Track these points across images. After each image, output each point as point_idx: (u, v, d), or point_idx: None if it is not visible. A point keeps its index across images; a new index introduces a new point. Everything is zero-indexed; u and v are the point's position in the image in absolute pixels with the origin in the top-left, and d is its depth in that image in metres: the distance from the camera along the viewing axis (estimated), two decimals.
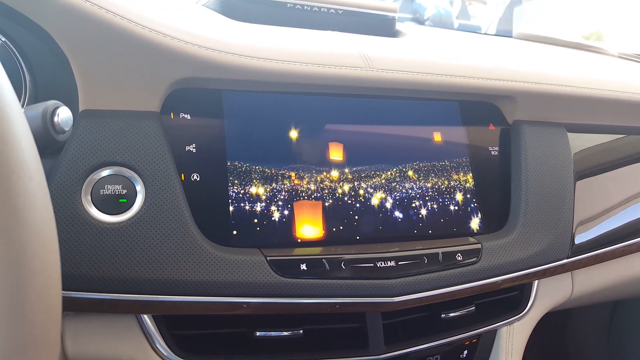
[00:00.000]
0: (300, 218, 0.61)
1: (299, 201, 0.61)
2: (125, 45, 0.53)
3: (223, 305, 0.56)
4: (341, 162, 0.64)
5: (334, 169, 0.64)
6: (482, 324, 0.73)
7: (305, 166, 0.62)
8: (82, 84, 0.53)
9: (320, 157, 0.63)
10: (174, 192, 0.54)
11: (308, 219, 0.61)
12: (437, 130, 0.70)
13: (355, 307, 0.61)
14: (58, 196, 0.50)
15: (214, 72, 0.58)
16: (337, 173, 0.64)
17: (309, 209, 0.61)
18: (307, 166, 0.62)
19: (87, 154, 0.52)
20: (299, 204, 0.61)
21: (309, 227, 0.61)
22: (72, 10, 0.51)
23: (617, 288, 0.91)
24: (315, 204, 0.62)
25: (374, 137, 0.67)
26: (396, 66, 0.66)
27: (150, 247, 0.53)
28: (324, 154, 0.64)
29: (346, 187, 0.64)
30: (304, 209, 0.61)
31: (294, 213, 0.61)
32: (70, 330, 0.56)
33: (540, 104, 0.75)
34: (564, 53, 1.09)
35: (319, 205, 0.62)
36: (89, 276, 0.51)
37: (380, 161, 0.66)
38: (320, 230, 0.61)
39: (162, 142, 0.55)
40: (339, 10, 0.83)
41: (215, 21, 0.72)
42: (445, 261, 0.64)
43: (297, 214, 0.61)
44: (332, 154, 0.64)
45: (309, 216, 0.61)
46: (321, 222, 0.62)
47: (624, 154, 0.86)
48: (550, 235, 0.71)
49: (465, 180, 0.70)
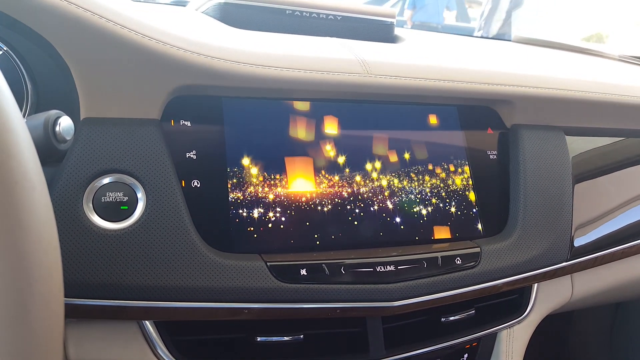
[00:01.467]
0: (300, 223, 0.61)
1: (298, 207, 0.61)
2: (125, 54, 0.54)
3: (224, 311, 0.57)
4: (340, 167, 0.65)
5: (334, 174, 0.64)
6: (482, 327, 0.73)
7: (304, 172, 0.63)
8: (83, 93, 0.53)
9: (320, 162, 0.64)
10: (174, 199, 0.55)
11: (308, 224, 0.62)
12: (436, 135, 0.71)
13: (355, 311, 0.61)
14: (60, 204, 0.51)
15: (214, 79, 0.58)
16: (337, 178, 0.64)
17: (309, 214, 0.62)
18: (307, 172, 0.63)
19: (88, 162, 0.52)
20: (299, 209, 0.61)
21: (309, 233, 0.61)
22: (73, 19, 0.52)
23: (617, 290, 0.92)
24: (315, 209, 0.62)
25: (373, 143, 0.67)
26: (394, 72, 0.67)
27: (152, 254, 0.53)
28: (324, 158, 0.64)
29: (345, 192, 0.64)
30: (303, 214, 0.62)
31: (293, 218, 0.61)
32: (73, 336, 0.57)
33: (538, 108, 0.75)
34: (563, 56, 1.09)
35: (319, 211, 0.62)
36: (91, 283, 0.52)
37: (380, 166, 0.66)
38: (320, 236, 0.62)
39: (163, 149, 0.55)
40: (338, 16, 0.84)
41: (215, 28, 0.73)
42: (444, 265, 0.64)
43: (297, 220, 0.61)
44: (331, 159, 0.64)
45: (308, 221, 0.62)
46: (321, 227, 0.62)
47: (622, 156, 0.86)
48: (549, 238, 0.72)
49: (464, 185, 0.71)
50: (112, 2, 0.56)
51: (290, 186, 0.62)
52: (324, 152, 0.64)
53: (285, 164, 0.62)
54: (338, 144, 0.65)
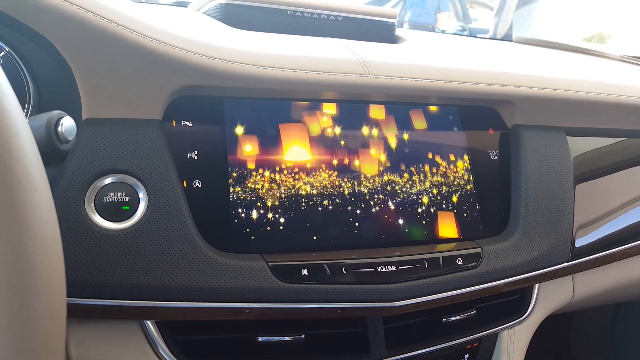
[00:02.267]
0: (301, 224, 0.61)
1: (299, 207, 0.62)
2: (127, 54, 0.54)
3: (225, 311, 0.57)
4: (342, 168, 0.65)
5: (335, 174, 0.64)
6: (483, 327, 0.74)
7: (306, 172, 0.63)
8: (85, 93, 0.54)
9: (321, 163, 0.64)
10: (176, 199, 0.55)
11: (309, 224, 0.62)
12: (437, 135, 0.71)
13: (356, 312, 0.62)
14: (62, 204, 0.51)
15: (216, 79, 0.58)
16: (338, 178, 0.64)
17: (310, 215, 0.62)
18: (308, 172, 0.63)
19: (90, 162, 0.53)
20: (300, 210, 0.62)
21: (310, 233, 0.62)
22: (75, 20, 0.52)
23: (618, 291, 0.92)
24: (316, 210, 0.62)
25: (374, 143, 0.67)
26: (395, 72, 0.67)
27: (153, 253, 0.53)
28: (325, 159, 0.64)
29: (347, 192, 0.64)
30: (304, 215, 0.62)
31: (295, 218, 0.61)
32: (75, 336, 0.57)
33: (539, 109, 0.75)
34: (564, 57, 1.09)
35: (320, 210, 0.62)
36: (92, 283, 0.52)
37: (381, 166, 0.67)
38: (321, 236, 0.62)
39: (164, 150, 0.55)
40: (339, 16, 0.84)
41: (216, 29, 0.73)
42: (445, 265, 0.64)
43: (298, 220, 0.61)
44: (332, 159, 0.65)
45: (309, 222, 0.62)
46: (322, 227, 0.62)
47: (623, 157, 0.86)
48: (550, 238, 0.72)
49: (465, 185, 0.71)
50: (114, 3, 0.56)
51: (291, 187, 0.62)
52: (326, 153, 0.64)
53: (287, 164, 0.62)
54: (339, 144, 0.65)
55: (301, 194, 0.62)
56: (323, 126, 0.65)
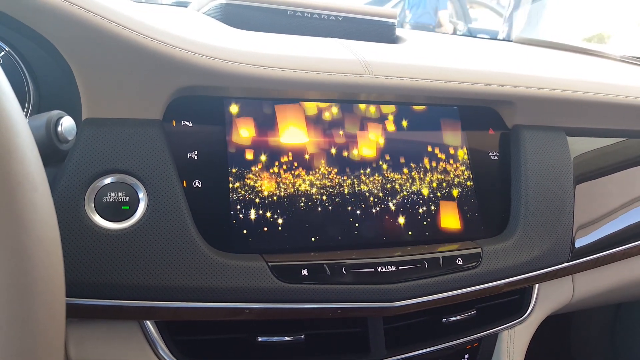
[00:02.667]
0: (301, 224, 0.61)
1: (299, 208, 0.62)
2: (127, 54, 0.54)
3: (225, 311, 0.57)
4: (342, 167, 0.65)
5: (335, 174, 0.64)
6: (483, 328, 0.74)
7: (305, 172, 0.63)
8: (85, 93, 0.54)
9: (320, 163, 0.64)
10: (176, 199, 0.55)
11: (309, 225, 0.62)
12: (437, 135, 0.71)
13: (356, 312, 0.62)
14: (62, 204, 0.51)
15: (216, 80, 0.58)
16: (338, 178, 0.64)
17: (310, 215, 0.62)
18: (308, 172, 0.63)
19: (90, 162, 0.53)
20: (300, 210, 0.62)
21: (310, 233, 0.61)
22: (75, 20, 0.52)
23: (618, 291, 0.92)
24: (316, 210, 0.62)
25: (374, 143, 0.67)
26: (395, 72, 0.67)
27: (153, 254, 0.53)
28: (325, 159, 0.64)
29: (347, 192, 0.64)
30: (304, 215, 0.62)
31: (295, 219, 0.61)
32: (74, 336, 0.57)
33: (539, 109, 0.75)
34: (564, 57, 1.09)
35: (320, 212, 0.62)
36: (92, 283, 0.52)
37: (381, 166, 0.67)
38: (321, 236, 0.62)
39: (164, 150, 0.55)
40: (339, 17, 0.84)
41: (217, 29, 0.73)
42: (445, 266, 0.64)
43: (298, 220, 0.61)
44: (332, 159, 0.65)
45: (309, 222, 0.62)
46: (322, 227, 0.62)
47: (623, 157, 0.86)
48: (550, 238, 0.72)
49: (465, 185, 0.71)
50: (114, 3, 0.56)
51: (291, 187, 0.62)
52: (328, 153, 0.64)
53: (286, 164, 0.62)
54: (341, 144, 0.65)
55: (301, 194, 0.62)
56: (324, 127, 0.65)
